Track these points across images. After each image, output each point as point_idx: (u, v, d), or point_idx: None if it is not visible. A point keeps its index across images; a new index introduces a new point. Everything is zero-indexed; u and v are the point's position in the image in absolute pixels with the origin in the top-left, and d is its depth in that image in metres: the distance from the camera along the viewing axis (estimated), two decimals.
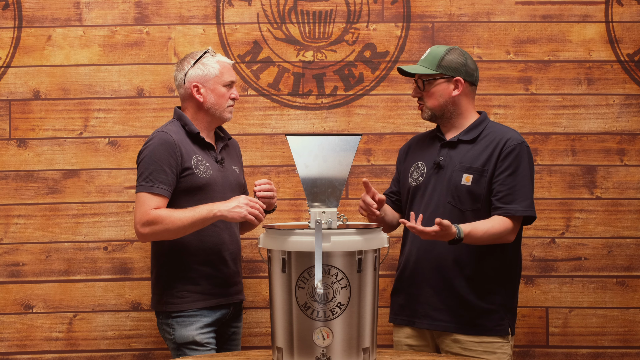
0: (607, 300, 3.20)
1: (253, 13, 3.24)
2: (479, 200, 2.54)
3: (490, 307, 2.54)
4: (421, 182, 2.63)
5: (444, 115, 2.62)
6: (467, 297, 2.54)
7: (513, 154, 2.53)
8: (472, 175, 2.54)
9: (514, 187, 2.51)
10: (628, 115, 3.22)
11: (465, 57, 2.61)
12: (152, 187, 2.55)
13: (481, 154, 2.56)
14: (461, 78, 2.59)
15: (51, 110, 3.20)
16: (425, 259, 2.59)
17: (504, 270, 2.58)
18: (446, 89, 2.60)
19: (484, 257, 2.54)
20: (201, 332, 2.63)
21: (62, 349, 3.17)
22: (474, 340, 2.53)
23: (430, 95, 2.61)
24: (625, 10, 3.22)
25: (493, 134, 2.59)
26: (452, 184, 2.56)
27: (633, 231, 3.20)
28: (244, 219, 2.50)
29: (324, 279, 2.10)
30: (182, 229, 2.53)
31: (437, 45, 2.67)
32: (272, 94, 3.23)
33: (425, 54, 2.66)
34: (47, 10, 3.20)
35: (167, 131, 2.63)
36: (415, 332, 2.64)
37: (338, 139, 2.22)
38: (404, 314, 2.65)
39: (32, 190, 3.18)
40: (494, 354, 2.52)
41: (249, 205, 2.50)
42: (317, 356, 2.11)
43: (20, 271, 3.17)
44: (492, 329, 2.53)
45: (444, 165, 2.59)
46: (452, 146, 2.62)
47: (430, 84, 2.60)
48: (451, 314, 2.54)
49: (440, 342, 2.59)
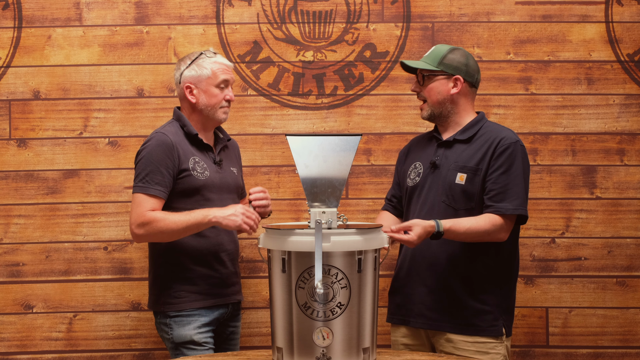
0: (607, 300, 3.20)
1: (253, 13, 3.24)
2: (472, 200, 2.54)
3: (484, 307, 2.53)
4: (418, 182, 2.64)
5: (442, 113, 2.63)
6: (461, 297, 2.54)
7: (506, 153, 2.53)
8: (466, 174, 2.55)
9: (506, 186, 2.51)
10: (628, 115, 3.22)
11: (467, 58, 2.63)
12: (149, 188, 2.55)
13: (476, 153, 2.57)
14: (461, 77, 2.59)
15: (51, 110, 3.20)
16: (420, 259, 2.59)
17: (499, 270, 2.57)
18: (444, 86, 2.60)
19: (479, 256, 2.54)
20: (199, 332, 2.63)
21: (62, 349, 3.17)
22: (466, 340, 2.53)
23: (428, 91, 2.62)
24: (625, 10, 3.22)
25: (488, 133, 2.60)
26: (447, 183, 2.56)
27: (633, 231, 3.20)
28: (239, 228, 2.50)
29: (324, 279, 2.10)
30: (176, 233, 2.53)
31: (441, 44, 2.69)
32: (272, 94, 3.23)
33: (428, 52, 2.68)
34: (47, 10, 3.20)
35: (165, 132, 2.63)
36: (410, 331, 2.64)
37: (338, 139, 2.22)
38: (399, 313, 2.66)
39: (32, 190, 3.18)
40: (487, 354, 2.52)
41: (245, 215, 2.50)
42: (317, 356, 2.11)
43: (20, 271, 3.17)
44: (486, 329, 2.53)
45: (440, 165, 2.60)
46: (448, 146, 2.62)
47: (430, 80, 2.61)
48: (445, 314, 2.55)
49: (435, 342, 2.60)
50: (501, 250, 2.56)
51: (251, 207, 2.59)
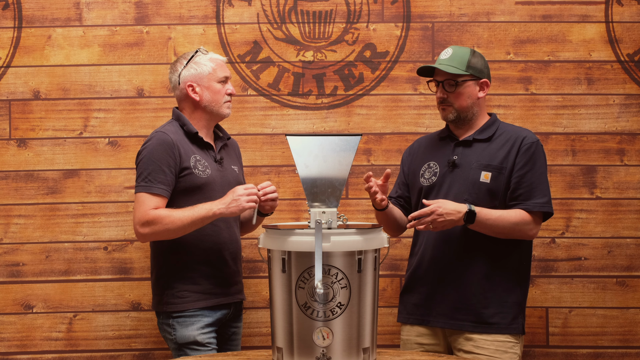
0: (607, 300, 3.20)
1: (253, 13, 3.24)
2: (496, 198, 2.56)
3: (506, 306, 2.55)
4: (435, 181, 2.64)
5: (467, 116, 2.64)
6: (484, 296, 2.55)
7: (530, 152, 2.56)
8: (490, 172, 2.56)
9: (532, 184, 2.54)
10: (628, 115, 3.22)
11: (484, 60, 2.66)
12: (151, 187, 2.55)
13: (498, 152, 2.58)
14: (488, 80, 2.63)
15: (51, 110, 3.20)
16: (440, 258, 2.60)
17: (520, 269, 2.60)
18: (473, 90, 2.61)
19: (502, 256, 2.56)
20: (202, 332, 2.63)
21: (62, 349, 3.17)
22: (486, 339, 2.54)
23: (458, 96, 2.61)
24: (625, 10, 3.22)
25: (508, 132, 2.62)
26: (470, 182, 2.57)
27: (633, 231, 3.20)
28: (244, 210, 2.51)
29: (324, 279, 2.11)
30: (181, 229, 2.53)
31: (457, 46, 2.66)
32: (272, 94, 3.23)
33: (448, 55, 2.63)
34: (47, 10, 3.20)
35: (166, 131, 2.63)
36: (428, 330, 2.64)
37: (338, 139, 2.22)
38: (417, 313, 2.66)
39: (32, 190, 3.18)
40: (505, 353, 2.53)
41: (245, 194, 2.51)
42: (317, 356, 2.11)
43: (20, 271, 3.17)
44: (507, 327, 2.54)
45: (460, 164, 2.61)
46: (467, 145, 2.63)
47: (460, 85, 2.60)
48: (467, 313, 2.56)
49: (452, 340, 2.60)
50: (522, 249, 2.59)
51: (255, 187, 2.57)
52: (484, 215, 2.46)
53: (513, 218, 2.50)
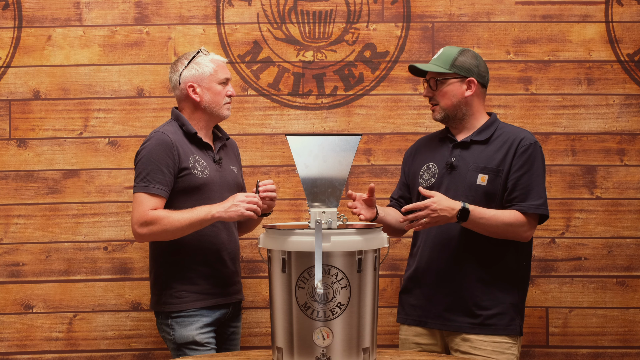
0: (607, 300, 3.20)
1: (253, 13, 3.24)
2: (493, 200, 2.55)
3: (503, 308, 2.55)
4: (433, 182, 2.64)
5: (457, 115, 2.63)
6: (481, 298, 2.54)
7: (527, 153, 2.55)
8: (487, 175, 2.55)
9: (528, 186, 2.53)
10: (628, 115, 3.22)
11: (477, 59, 2.63)
12: (150, 187, 2.55)
13: (495, 154, 2.57)
14: (475, 79, 2.60)
15: (51, 110, 3.20)
16: (438, 259, 2.60)
17: (518, 271, 2.59)
18: (459, 89, 2.60)
19: (500, 258, 2.56)
20: (201, 332, 2.63)
21: (62, 349, 3.17)
22: (483, 340, 2.54)
23: (442, 95, 2.61)
24: (625, 10, 3.22)
25: (506, 134, 2.61)
26: (467, 184, 2.57)
27: (633, 231, 3.20)
28: (242, 217, 2.51)
29: (324, 279, 2.10)
30: (179, 230, 2.53)
31: (449, 46, 2.67)
32: (272, 94, 3.23)
33: (437, 54, 2.66)
34: (47, 10, 3.20)
35: (165, 131, 2.63)
36: (426, 330, 2.64)
37: (338, 139, 2.22)
38: (415, 314, 2.66)
39: (32, 190, 3.18)
40: (502, 354, 2.53)
41: (246, 202, 2.50)
42: (317, 356, 2.11)
43: (20, 271, 3.17)
44: (505, 328, 2.54)
45: (457, 166, 2.60)
46: (465, 147, 2.62)
47: (443, 84, 2.60)
48: (464, 315, 2.55)
49: (449, 341, 2.60)
50: (521, 251, 2.59)
51: (257, 196, 2.58)
52: (478, 213, 2.45)
53: (507, 218, 2.49)
